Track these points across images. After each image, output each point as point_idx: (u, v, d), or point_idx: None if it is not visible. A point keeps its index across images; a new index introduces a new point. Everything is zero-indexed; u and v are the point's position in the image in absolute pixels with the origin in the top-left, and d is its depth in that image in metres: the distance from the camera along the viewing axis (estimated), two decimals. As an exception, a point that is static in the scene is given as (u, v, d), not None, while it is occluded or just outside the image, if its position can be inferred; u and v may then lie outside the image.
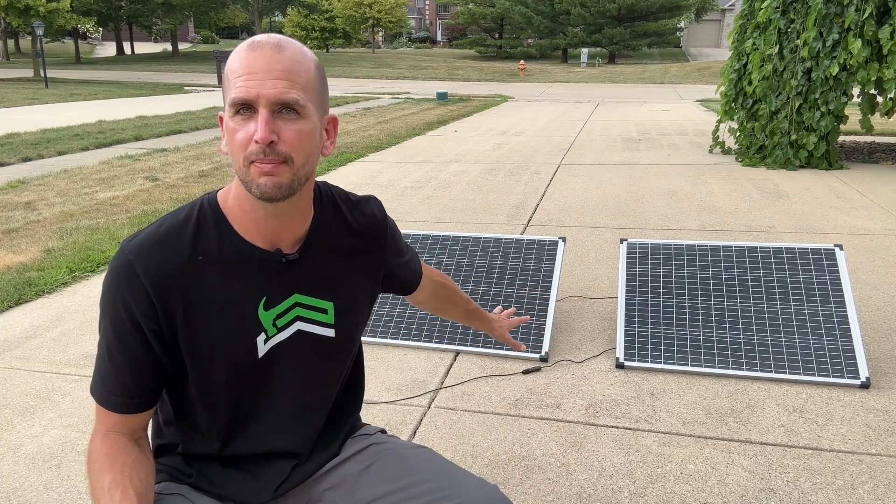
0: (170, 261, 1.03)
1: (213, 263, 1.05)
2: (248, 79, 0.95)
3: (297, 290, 1.11)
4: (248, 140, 0.96)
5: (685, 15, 46.13)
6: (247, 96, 0.95)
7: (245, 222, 1.06)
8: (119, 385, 1.05)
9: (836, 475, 2.08)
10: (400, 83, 27.17)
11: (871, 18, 6.49)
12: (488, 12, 46.55)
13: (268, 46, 0.97)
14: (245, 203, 1.05)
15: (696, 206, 5.68)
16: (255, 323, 1.09)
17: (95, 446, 1.04)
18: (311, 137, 1.00)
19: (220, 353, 1.08)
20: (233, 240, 1.06)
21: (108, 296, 1.04)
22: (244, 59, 0.97)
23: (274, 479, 1.18)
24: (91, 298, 3.67)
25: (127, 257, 1.02)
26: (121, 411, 1.06)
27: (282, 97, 0.96)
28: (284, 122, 0.97)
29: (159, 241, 1.03)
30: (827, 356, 2.66)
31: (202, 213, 1.07)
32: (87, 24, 34.37)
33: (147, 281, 1.01)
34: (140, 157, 8.39)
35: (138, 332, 1.03)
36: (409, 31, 76.13)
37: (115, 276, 1.03)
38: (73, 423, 2.41)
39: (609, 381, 2.69)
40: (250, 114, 0.97)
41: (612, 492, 2.02)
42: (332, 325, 1.16)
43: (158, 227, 1.05)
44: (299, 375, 1.16)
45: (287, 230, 1.08)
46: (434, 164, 7.96)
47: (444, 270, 3.24)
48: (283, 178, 0.98)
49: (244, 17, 51.83)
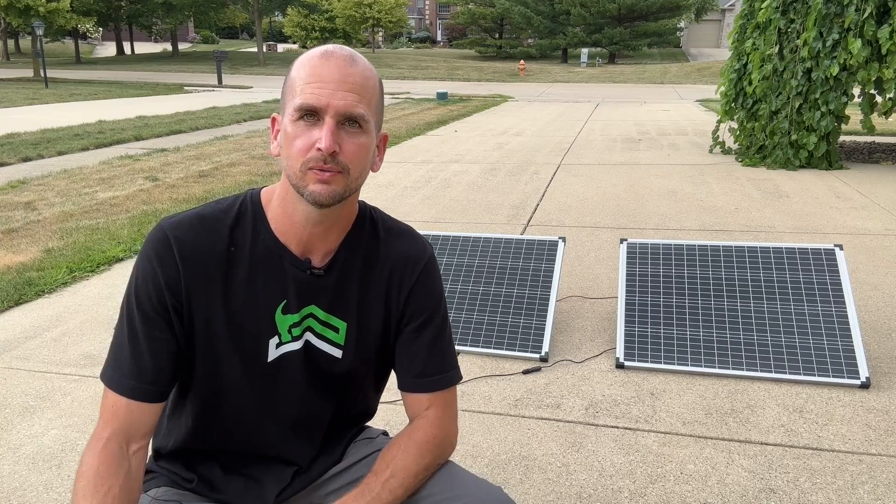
0: (204, 241, 1.05)
1: (243, 257, 1.07)
2: (319, 87, 0.97)
3: (314, 301, 1.11)
4: (310, 146, 0.98)
5: (685, 15, 46.14)
6: (317, 104, 0.97)
7: (283, 224, 1.08)
8: (135, 368, 1.04)
9: (836, 475, 2.08)
10: (400, 83, 27.17)
11: (871, 18, 6.49)
12: (488, 12, 46.56)
13: (342, 58, 0.99)
14: (288, 205, 1.06)
15: (696, 206, 5.68)
16: (271, 325, 1.09)
17: (88, 460, 1.00)
18: (368, 152, 1.03)
19: (231, 348, 1.08)
20: (267, 238, 1.08)
21: (140, 269, 1.04)
22: (316, 67, 0.98)
23: (275, 485, 1.17)
24: (91, 298, 3.67)
25: (164, 229, 1.04)
26: (131, 396, 1.04)
27: (350, 110, 0.98)
28: (347, 135, 0.99)
29: (199, 222, 1.06)
30: (827, 356, 2.66)
31: (244, 206, 1.09)
32: (87, 24, 34.37)
33: (178, 253, 1.03)
34: (140, 157, 8.39)
35: (163, 309, 1.04)
36: (409, 31, 76.13)
37: (148, 247, 1.04)
38: (73, 423, 2.41)
39: (609, 381, 2.69)
40: (314, 121, 0.98)
41: (612, 492, 2.02)
42: (341, 345, 1.14)
43: (201, 210, 1.08)
44: (303, 388, 1.14)
45: (322, 240, 1.09)
46: (434, 164, 7.97)
47: (445, 270, 3.24)
48: (338, 187, 1.00)
49: (244, 17, 51.83)
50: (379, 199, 6.01)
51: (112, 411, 1.04)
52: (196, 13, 44.63)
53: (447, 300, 3.12)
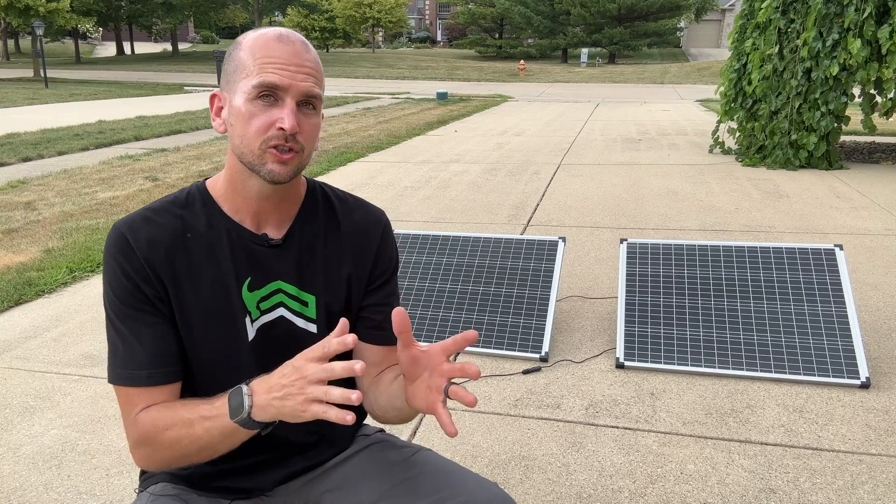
0: (159, 233, 1.07)
1: (200, 241, 1.09)
2: (281, 67, 1.01)
3: (279, 277, 1.13)
4: (269, 125, 1.01)
5: (685, 15, 46.14)
6: (280, 83, 1.01)
7: (235, 202, 1.10)
8: (144, 358, 1.04)
9: (836, 475, 2.08)
10: (400, 83, 27.17)
11: (871, 18, 6.49)
12: (488, 12, 46.56)
13: (299, 42, 1.04)
14: (238, 182, 1.09)
15: (696, 206, 5.68)
16: (240, 303, 1.10)
17: (146, 420, 1.02)
18: (319, 131, 1.09)
19: (210, 331, 1.09)
20: (220, 219, 1.10)
21: (107, 269, 1.06)
22: (274, 49, 1.02)
23: (276, 469, 1.18)
24: (91, 298, 3.67)
25: (119, 230, 1.06)
26: (148, 384, 1.04)
27: (311, 91, 1.03)
28: (304, 115, 1.04)
29: (149, 217, 1.08)
30: (827, 356, 2.66)
31: (191, 196, 1.12)
32: (87, 24, 34.37)
33: (138, 249, 1.04)
34: (140, 157, 8.39)
35: (144, 297, 1.05)
36: (409, 31, 76.14)
37: (110, 249, 1.05)
38: (73, 423, 2.41)
39: (609, 381, 2.69)
40: (272, 101, 1.02)
41: (612, 492, 2.02)
42: (314, 320, 1.16)
43: (150, 206, 1.11)
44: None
45: (275, 211, 1.12)
46: (434, 164, 7.96)
47: (445, 270, 3.24)
48: (294, 166, 1.05)
49: (244, 18, 51.84)
50: (379, 199, 6.01)
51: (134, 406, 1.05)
52: (196, 13, 44.63)
53: (447, 300, 3.12)
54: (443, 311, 3.08)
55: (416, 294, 3.17)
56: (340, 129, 11.42)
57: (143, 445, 1.04)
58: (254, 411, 0.95)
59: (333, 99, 18.34)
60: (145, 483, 1.18)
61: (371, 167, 7.79)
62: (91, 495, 2.01)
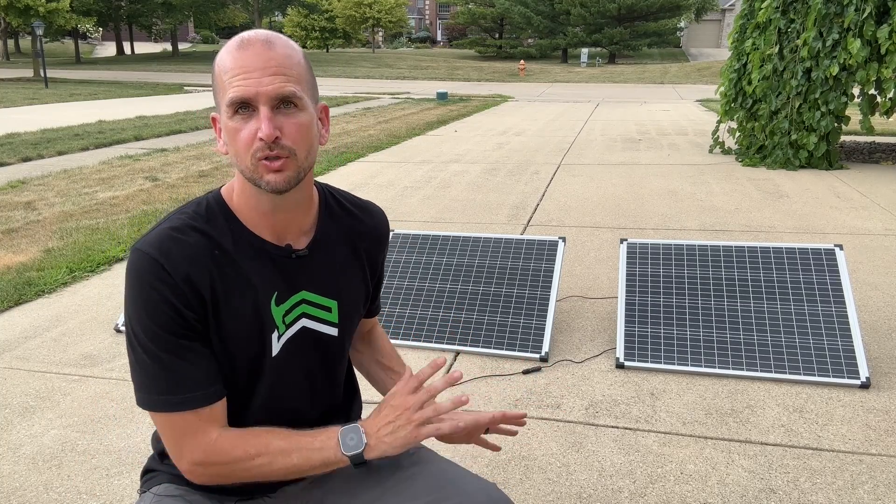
0: (190, 252, 1.02)
1: (229, 257, 1.06)
2: (244, 77, 0.96)
3: (304, 286, 1.12)
4: (252, 138, 0.98)
5: (685, 15, 46.15)
6: (245, 95, 0.96)
7: (253, 217, 1.08)
8: (194, 380, 1.02)
9: (836, 475, 2.08)
10: (400, 83, 27.16)
11: (871, 18, 6.49)
12: (488, 12, 46.56)
13: (258, 43, 0.98)
14: (251, 198, 1.06)
15: (696, 206, 5.68)
16: (269, 319, 1.09)
17: (227, 445, 1.03)
18: (310, 129, 1.02)
19: (240, 350, 1.08)
20: (244, 234, 1.08)
21: (141, 297, 1.00)
22: (237, 59, 0.98)
23: None
24: (91, 298, 3.67)
25: (149, 255, 1.00)
26: (204, 403, 1.02)
27: (280, 92, 0.97)
28: (285, 117, 0.99)
29: (175, 237, 1.02)
30: (827, 356, 2.66)
31: (210, 210, 1.08)
32: (86, 24, 34.36)
33: (175, 274, 1.00)
34: (140, 157, 8.39)
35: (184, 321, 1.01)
36: (409, 31, 76.14)
37: (144, 276, 0.99)
38: (73, 423, 2.41)
39: (609, 381, 2.69)
40: (250, 112, 0.98)
41: (612, 492, 2.02)
42: (336, 324, 1.17)
43: (169, 224, 1.04)
44: (302, 375, 1.16)
45: (294, 222, 1.10)
46: (434, 164, 7.96)
47: (445, 270, 3.24)
48: (291, 172, 1.01)
49: (244, 17, 51.82)
50: (379, 199, 6.01)
51: (190, 441, 1.03)
52: (196, 13, 44.63)
53: (447, 300, 3.13)
54: (443, 311, 3.08)
55: (417, 294, 3.17)
56: (340, 129, 11.42)
57: (217, 465, 1.03)
58: (366, 451, 1.02)
59: (333, 99, 18.34)
60: (148, 483, 1.18)
61: (371, 167, 7.79)
62: (91, 495, 2.01)
